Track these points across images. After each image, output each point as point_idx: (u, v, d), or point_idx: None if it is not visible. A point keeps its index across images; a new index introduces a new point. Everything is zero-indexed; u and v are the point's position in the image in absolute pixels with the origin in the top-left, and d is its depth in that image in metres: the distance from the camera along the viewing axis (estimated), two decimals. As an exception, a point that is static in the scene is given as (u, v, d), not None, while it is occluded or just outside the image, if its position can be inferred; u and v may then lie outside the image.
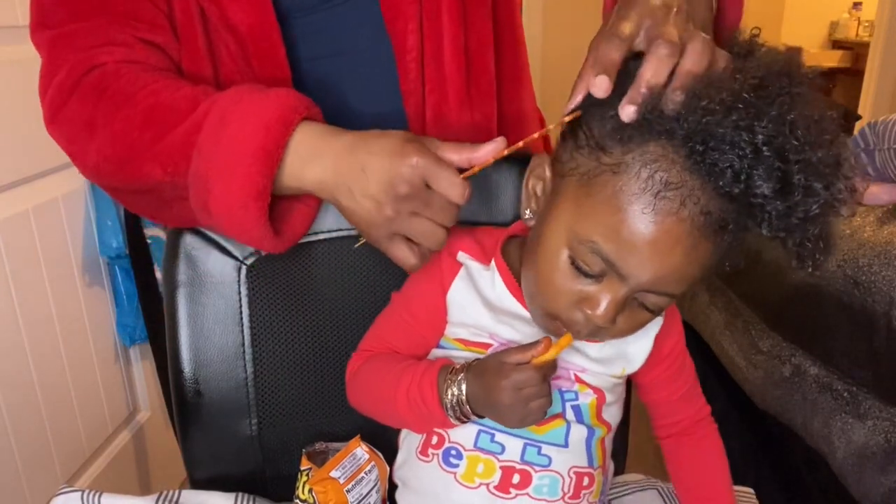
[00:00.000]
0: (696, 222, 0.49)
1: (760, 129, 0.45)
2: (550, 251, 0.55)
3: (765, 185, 0.45)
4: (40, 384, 1.27)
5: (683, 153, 0.48)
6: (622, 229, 0.50)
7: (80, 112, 0.64)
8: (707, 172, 0.47)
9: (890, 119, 1.62)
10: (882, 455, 1.27)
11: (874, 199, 1.61)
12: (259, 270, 0.73)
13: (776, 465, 1.68)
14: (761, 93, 0.47)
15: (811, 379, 1.46)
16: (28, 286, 1.23)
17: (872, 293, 1.32)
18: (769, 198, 0.46)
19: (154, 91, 0.63)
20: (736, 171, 0.46)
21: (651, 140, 0.49)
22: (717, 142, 0.46)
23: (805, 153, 0.45)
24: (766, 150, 0.45)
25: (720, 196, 0.48)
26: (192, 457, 0.76)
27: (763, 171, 0.45)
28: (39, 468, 1.27)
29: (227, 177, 0.59)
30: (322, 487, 0.65)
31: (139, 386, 1.60)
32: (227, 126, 0.59)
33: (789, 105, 0.46)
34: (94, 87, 0.64)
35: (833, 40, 4.18)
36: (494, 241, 0.65)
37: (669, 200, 0.49)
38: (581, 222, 0.53)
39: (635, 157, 0.50)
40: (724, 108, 0.46)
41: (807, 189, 0.46)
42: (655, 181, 0.49)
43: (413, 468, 0.66)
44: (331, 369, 0.76)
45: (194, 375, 0.73)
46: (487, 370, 0.58)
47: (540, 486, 0.62)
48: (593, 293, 0.54)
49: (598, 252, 0.52)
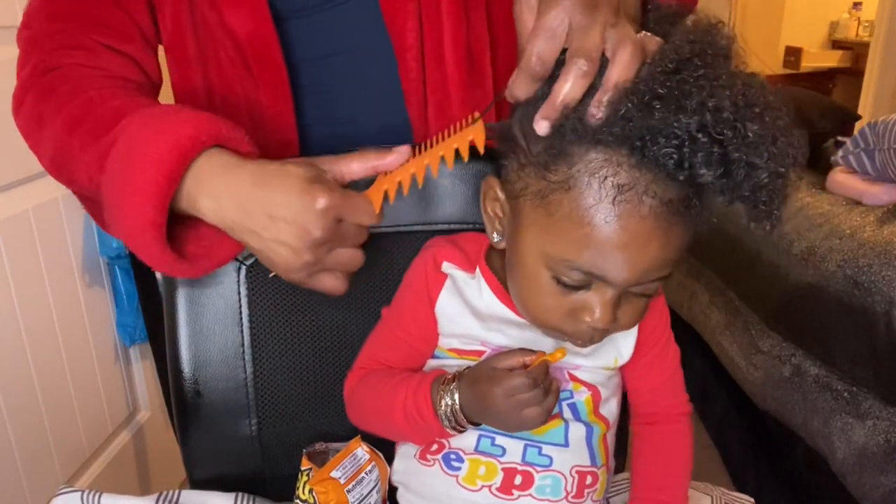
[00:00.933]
0: (660, 214, 0.49)
1: (687, 119, 0.45)
2: (531, 274, 0.55)
3: (706, 170, 0.45)
4: (40, 384, 1.27)
5: (625, 153, 0.48)
6: (591, 242, 0.50)
7: (34, 109, 0.66)
8: (654, 165, 0.47)
9: (890, 119, 1.62)
10: (882, 455, 1.27)
11: (874, 199, 1.61)
12: (259, 270, 0.73)
13: (776, 466, 1.68)
14: (680, 78, 0.46)
15: (811, 379, 1.46)
16: (28, 286, 1.23)
17: (872, 293, 1.32)
18: (714, 181, 0.46)
19: (91, 98, 0.63)
20: (678, 161, 0.45)
21: (590, 148, 0.49)
22: (653, 135, 0.45)
23: (738, 130, 0.45)
24: (701, 136, 0.45)
25: (674, 182, 0.48)
26: (192, 457, 0.76)
27: (702, 158, 0.45)
28: (39, 468, 1.28)
29: (124, 203, 0.58)
30: (323, 488, 0.65)
31: (139, 386, 1.60)
32: (130, 150, 0.58)
33: (709, 88, 0.45)
34: (47, 86, 0.65)
35: (833, 40, 4.18)
36: (478, 248, 0.65)
37: (628, 202, 0.48)
38: (550, 243, 0.53)
39: (581, 170, 0.49)
40: (648, 104, 0.46)
41: (749, 165, 0.46)
42: (608, 188, 0.48)
43: (414, 472, 0.66)
44: (331, 369, 0.76)
45: (194, 375, 0.73)
46: (479, 378, 0.58)
47: (542, 486, 0.62)
48: (586, 302, 0.54)
49: (578, 268, 0.52)
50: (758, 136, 0.45)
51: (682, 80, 0.46)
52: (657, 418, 0.70)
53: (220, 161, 0.58)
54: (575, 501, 0.63)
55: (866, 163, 1.68)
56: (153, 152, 0.56)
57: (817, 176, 1.87)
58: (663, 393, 0.70)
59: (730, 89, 0.46)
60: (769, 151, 0.46)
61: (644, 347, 0.66)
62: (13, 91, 0.69)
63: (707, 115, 0.44)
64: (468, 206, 0.75)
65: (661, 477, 0.70)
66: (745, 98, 0.46)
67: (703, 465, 1.82)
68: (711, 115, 0.45)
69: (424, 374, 0.63)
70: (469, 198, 0.75)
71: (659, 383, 0.69)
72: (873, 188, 1.63)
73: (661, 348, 0.68)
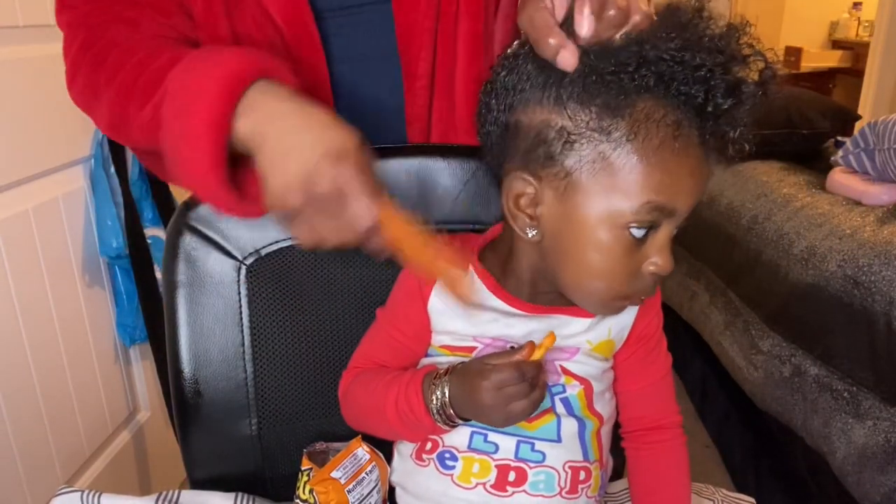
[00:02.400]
0: (699, 144, 0.55)
1: (704, 58, 0.52)
2: (601, 243, 0.56)
3: (723, 99, 0.53)
4: (40, 384, 1.27)
5: (661, 96, 0.53)
6: (667, 177, 0.54)
7: (87, 82, 0.69)
8: (685, 102, 0.53)
9: (890, 119, 1.62)
10: (882, 455, 1.27)
11: (874, 199, 1.61)
12: (259, 270, 0.73)
13: (776, 466, 1.68)
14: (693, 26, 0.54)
15: (811, 379, 1.46)
16: (28, 286, 1.23)
17: (872, 293, 1.32)
18: (729, 108, 0.53)
19: (139, 61, 0.65)
20: (704, 96, 0.52)
21: (636, 99, 0.53)
22: (682, 77, 0.52)
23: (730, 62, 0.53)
24: (717, 71, 0.52)
25: (699, 118, 0.54)
26: (192, 457, 0.76)
27: (722, 90, 0.52)
28: (39, 468, 1.28)
29: (182, 148, 0.59)
30: (323, 488, 0.65)
31: (139, 386, 1.60)
32: (180, 99, 0.60)
33: (713, 33, 0.54)
34: (97, 59, 0.68)
35: (833, 40, 4.18)
36: (471, 249, 0.65)
37: (685, 136, 0.54)
38: (623, 198, 0.55)
39: (637, 119, 0.53)
40: (674, 51, 0.52)
41: (746, 92, 0.53)
42: (665, 126, 0.53)
43: (410, 473, 0.66)
44: (331, 369, 0.76)
45: (194, 375, 0.73)
46: (469, 372, 0.58)
47: (536, 482, 0.62)
48: (652, 249, 0.57)
49: (655, 206, 0.55)
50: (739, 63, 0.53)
51: (693, 26, 0.53)
52: (646, 424, 0.69)
53: (267, 88, 0.59)
54: (569, 497, 0.63)
55: (866, 163, 1.68)
56: (202, 94, 0.57)
57: (817, 176, 1.87)
58: (652, 396, 0.69)
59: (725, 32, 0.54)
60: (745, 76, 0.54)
61: (638, 342, 0.67)
62: (65, 70, 0.71)
63: (718, 56, 0.52)
64: (468, 207, 0.75)
65: (660, 495, 0.70)
66: (724, 36, 0.54)
67: (703, 465, 1.82)
68: (721, 55, 0.52)
69: (416, 371, 0.63)
70: (469, 198, 0.75)
71: (648, 384, 0.69)
72: (873, 188, 1.63)
73: (653, 346, 0.68)
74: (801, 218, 1.63)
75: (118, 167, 1.37)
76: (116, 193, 1.38)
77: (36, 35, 1.22)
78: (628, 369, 0.68)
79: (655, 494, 0.70)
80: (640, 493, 0.71)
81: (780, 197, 1.77)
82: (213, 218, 0.72)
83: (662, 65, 0.52)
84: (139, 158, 0.78)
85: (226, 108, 0.57)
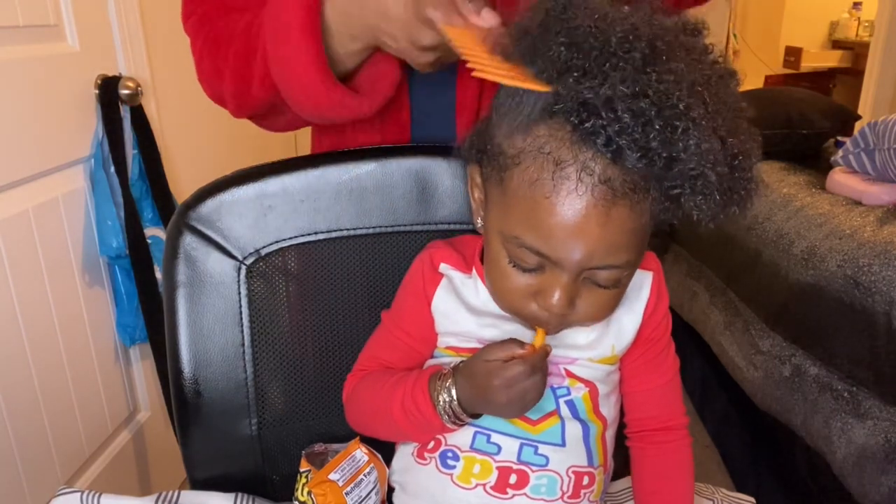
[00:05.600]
0: (597, 193, 0.48)
1: (620, 101, 0.45)
2: (493, 255, 0.56)
3: (629, 153, 0.45)
4: (40, 384, 1.27)
5: (568, 129, 0.48)
6: (535, 218, 0.50)
7: (212, 66, 0.75)
8: (590, 142, 0.47)
9: (890, 119, 1.62)
10: (882, 455, 1.27)
11: (874, 199, 1.61)
12: (259, 270, 0.73)
13: (776, 465, 1.68)
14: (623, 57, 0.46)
15: (811, 379, 1.45)
16: (28, 286, 1.23)
17: (872, 293, 1.32)
18: (636, 166, 0.46)
19: (244, 29, 0.71)
20: (606, 140, 0.45)
21: (540, 123, 0.49)
22: (588, 112, 0.45)
23: (666, 121, 0.45)
24: (628, 119, 0.45)
25: (616, 163, 0.47)
26: (192, 457, 0.76)
27: (626, 141, 0.45)
28: (39, 468, 1.27)
29: (287, 61, 0.65)
30: (321, 490, 0.65)
31: (139, 386, 1.60)
32: (271, 25, 0.66)
33: (650, 75, 0.45)
34: (216, 42, 0.74)
35: (833, 40, 4.17)
36: (473, 250, 0.66)
37: (566, 179, 0.48)
38: (504, 220, 0.53)
39: (530, 144, 0.50)
40: (590, 79, 0.45)
41: (669, 158, 0.46)
42: (549, 162, 0.48)
43: (410, 472, 0.66)
44: (331, 369, 0.76)
45: (194, 375, 0.73)
46: (476, 372, 0.58)
47: (538, 485, 0.62)
48: (541, 286, 0.54)
49: (525, 245, 0.52)
50: (679, 129, 0.45)
51: (623, 59, 0.46)
52: (653, 425, 0.69)
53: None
54: (571, 501, 0.63)
55: (866, 163, 1.68)
56: (291, 10, 0.63)
57: (817, 176, 1.87)
58: (659, 398, 0.69)
59: (672, 79, 0.46)
60: (690, 146, 0.45)
61: (645, 344, 0.66)
62: (195, 67, 0.78)
63: (637, 101, 0.44)
64: (468, 207, 0.75)
65: (665, 497, 0.70)
66: (681, 86, 0.46)
67: (703, 465, 1.82)
68: (641, 101, 0.44)
69: (422, 371, 0.63)
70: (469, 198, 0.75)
71: (655, 386, 0.68)
72: (873, 188, 1.63)
73: (660, 350, 0.68)
74: (801, 218, 1.63)
75: (118, 167, 1.37)
76: (116, 193, 1.38)
77: (36, 35, 1.22)
78: (636, 371, 0.68)
79: (659, 495, 0.70)
80: (643, 493, 0.71)
81: (780, 197, 1.77)
82: (213, 218, 0.72)
83: (576, 93, 0.46)
84: (266, 125, 0.83)
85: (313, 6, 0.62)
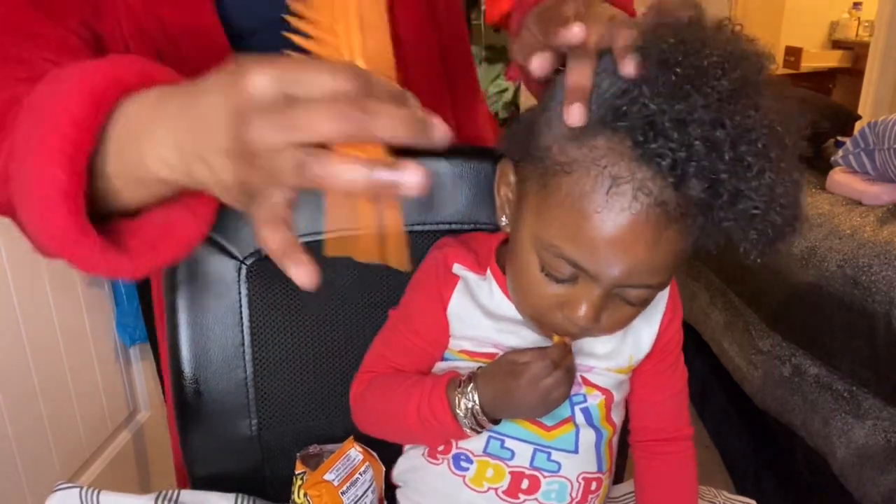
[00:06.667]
0: (651, 214, 0.46)
1: (693, 125, 0.43)
2: (523, 260, 0.54)
3: (695, 181, 0.44)
4: (40, 384, 1.27)
5: (629, 144, 0.46)
6: (580, 231, 0.48)
7: None
8: (652, 162, 0.45)
9: (890, 119, 1.62)
10: (882, 455, 1.27)
11: (874, 199, 1.61)
12: (259, 270, 0.73)
13: (776, 465, 1.68)
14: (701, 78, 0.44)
15: (811, 379, 1.45)
16: (28, 286, 1.23)
17: (872, 293, 1.32)
18: (700, 195, 0.45)
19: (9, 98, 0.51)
20: (671, 163, 0.44)
21: (599, 134, 0.47)
22: (656, 131, 0.44)
23: (737, 154, 0.43)
24: (699, 145, 0.43)
25: (672, 186, 0.46)
26: (192, 457, 0.76)
27: (693, 168, 0.43)
28: (39, 468, 1.27)
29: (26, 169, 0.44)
30: (317, 491, 0.65)
31: (139, 386, 1.60)
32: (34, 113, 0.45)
33: (723, 101, 0.43)
34: None
35: (833, 40, 4.17)
36: (488, 249, 0.64)
37: (621, 196, 0.46)
38: (543, 227, 0.51)
39: (585, 154, 0.47)
40: (666, 97, 0.43)
41: (736, 192, 0.44)
42: (605, 177, 0.46)
43: (420, 471, 0.66)
44: (331, 369, 0.76)
45: (194, 375, 0.73)
46: (499, 374, 0.57)
47: (548, 491, 0.61)
48: (570, 297, 0.52)
49: (563, 256, 0.50)
50: (755, 167, 0.43)
51: (709, 84, 0.43)
52: (658, 436, 0.69)
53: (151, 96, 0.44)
54: None
55: (866, 163, 1.68)
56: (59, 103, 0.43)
57: (817, 176, 1.87)
58: (666, 409, 0.69)
59: (756, 115, 0.44)
60: (762, 185, 0.44)
61: (658, 355, 0.66)
62: None
63: (714, 131, 0.43)
64: (469, 206, 0.75)
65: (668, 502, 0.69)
66: (763, 124, 0.44)
67: (703, 465, 1.80)
68: (717, 130, 0.43)
69: (438, 377, 0.62)
70: (470, 198, 0.75)
71: (664, 398, 0.68)
72: (873, 188, 1.63)
73: (671, 361, 0.67)
74: (801, 218, 1.63)
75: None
76: (116, 193, 1.37)
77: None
78: (646, 381, 0.67)
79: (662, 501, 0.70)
80: (646, 502, 0.70)
81: (780, 197, 1.77)
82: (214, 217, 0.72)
83: (646, 109, 0.44)
84: None
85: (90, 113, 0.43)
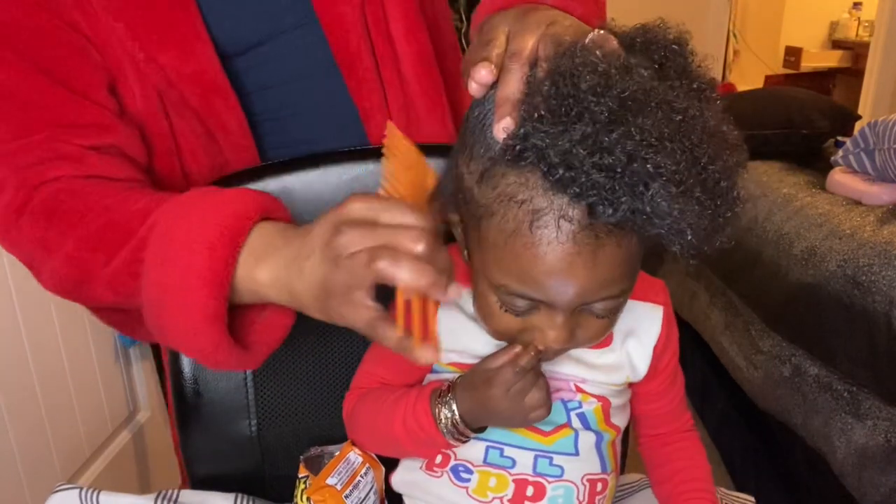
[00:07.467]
0: (580, 238, 0.46)
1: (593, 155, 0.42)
2: (483, 297, 0.54)
3: (603, 209, 0.43)
4: (40, 384, 1.27)
5: (539, 175, 0.45)
6: (520, 268, 0.48)
7: (32, 233, 0.61)
8: (563, 190, 0.44)
9: (890, 119, 1.62)
10: (882, 455, 1.27)
11: (874, 199, 1.61)
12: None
13: (776, 465, 1.68)
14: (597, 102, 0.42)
15: (811, 379, 1.46)
16: (28, 286, 1.23)
17: (872, 293, 1.32)
18: (612, 221, 0.44)
19: (106, 207, 0.59)
20: (578, 192, 0.43)
21: (507, 171, 0.46)
22: (556, 165, 0.43)
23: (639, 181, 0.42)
24: (602, 177, 0.42)
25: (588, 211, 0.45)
26: (192, 457, 0.76)
27: (597, 197, 0.43)
28: (39, 468, 1.27)
29: (176, 301, 0.53)
30: (320, 496, 0.65)
31: (139, 386, 1.60)
32: (172, 244, 0.54)
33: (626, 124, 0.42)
34: (44, 207, 0.60)
35: (833, 40, 4.17)
36: None
37: (544, 228, 0.46)
38: (487, 269, 0.51)
39: (500, 194, 0.47)
40: (549, 132, 0.43)
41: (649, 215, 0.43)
42: (525, 212, 0.46)
43: (420, 483, 0.65)
44: (330, 369, 0.76)
45: (194, 375, 0.73)
46: (474, 384, 0.57)
47: (554, 496, 0.61)
48: (536, 323, 0.52)
49: (514, 293, 0.50)
50: (655, 193, 0.42)
51: (588, 111, 0.42)
52: (665, 440, 0.70)
53: (272, 229, 0.55)
54: None
55: (866, 163, 1.68)
56: (202, 239, 0.52)
57: (817, 176, 1.87)
58: (669, 418, 0.70)
59: (650, 127, 0.42)
60: (667, 209, 0.42)
61: (661, 376, 0.66)
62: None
63: (601, 158, 0.41)
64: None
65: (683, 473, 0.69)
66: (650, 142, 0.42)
67: (703, 465, 1.81)
68: (605, 157, 0.41)
69: (422, 388, 0.62)
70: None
71: (667, 411, 0.69)
72: (873, 188, 1.63)
73: (669, 374, 0.67)
74: (801, 218, 1.63)
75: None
76: (116, 193, 1.38)
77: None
78: (646, 397, 0.68)
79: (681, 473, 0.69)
80: (661, 478, 0.70)
81: (780, 197, 1.77)
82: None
83: (538, 145, 0.43)
84: (98, 316, 0.70)
85: (230, 252, 0.52)
